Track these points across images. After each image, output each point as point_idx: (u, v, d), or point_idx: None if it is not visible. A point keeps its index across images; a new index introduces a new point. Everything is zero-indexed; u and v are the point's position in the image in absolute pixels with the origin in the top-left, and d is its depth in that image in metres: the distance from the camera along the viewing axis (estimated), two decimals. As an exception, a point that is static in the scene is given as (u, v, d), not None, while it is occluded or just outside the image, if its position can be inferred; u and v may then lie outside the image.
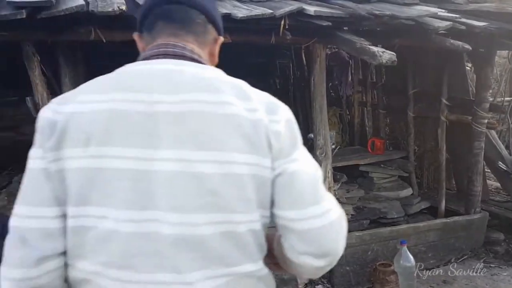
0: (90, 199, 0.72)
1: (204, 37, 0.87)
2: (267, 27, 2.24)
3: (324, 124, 2.61)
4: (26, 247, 0.73)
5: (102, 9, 1.62)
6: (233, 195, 0.73)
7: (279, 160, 0.76)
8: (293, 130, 0.81)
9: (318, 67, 2.58)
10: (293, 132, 0.81)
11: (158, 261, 0.71)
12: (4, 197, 2.14)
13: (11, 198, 2.16)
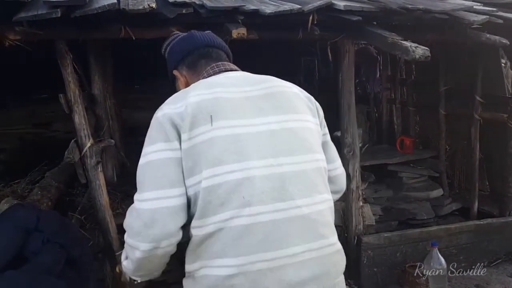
0: (221, 161, 0.95)
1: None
2: (294, 22, 2.21)
3: (352, 122, 2.55)
4: (156, 226, 0.94)
5: (133, 7, 1.63)
6: (314, 141, 1.07)
7: (321, 125, 1.14)
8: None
9: (346, 63, 2.53)
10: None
11: (278, 194, 0.97)
12: (37, 191, 2.20)
13: (44, 193, 2.22)
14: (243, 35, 2.02)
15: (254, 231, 0.94)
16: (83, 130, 2.05)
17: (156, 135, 0.98)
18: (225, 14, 2.03)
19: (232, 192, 0.94)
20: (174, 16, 1.85)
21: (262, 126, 1.01)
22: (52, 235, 1.68)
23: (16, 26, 1.68)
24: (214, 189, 0.94)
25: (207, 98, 1.01)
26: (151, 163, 0.96)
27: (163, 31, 2.07)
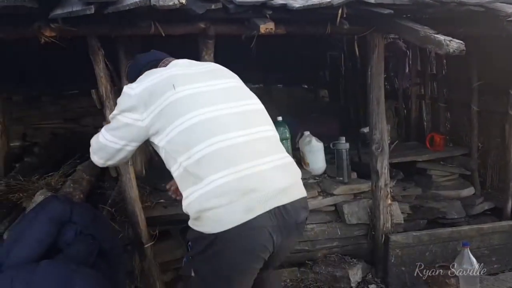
0: (180, 114, 1.36)
1: None
2: (323, 17, 2.18)
3: (381, 117, 2.50)
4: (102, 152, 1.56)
5: (163, 3, 1.64)
6: (252, 94, 1.55)
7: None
8: None
9: (375, 57, 2.47)
10: None
11: (242, 124, 1.40)
12: (70, 184, 2.27)
13: (76, 185, 2.29)
14: (271, 30, 2.01)
15: (231, 150, 1.32)
16: (113, 125, 2.09)
17: (126, 106, 1.46)
18: (253, 9, 2.03)
19: (210, 126, 1.35)
20: (203, 12, 1.86)
21: (216, 85, 1.44)
22: (84, 227, 1.73)
23: (52, 23, 1.72)
24: (192, 128, 1.34)
25: (163, 77, 1.43)
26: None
27: (192, 27, 2.09)
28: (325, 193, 2.63)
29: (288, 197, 1.35)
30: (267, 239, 1.31)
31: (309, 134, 2.91)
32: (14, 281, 1.49)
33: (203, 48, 2.20)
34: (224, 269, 1.35)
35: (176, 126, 1.33)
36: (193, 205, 1.32)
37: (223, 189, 1.27)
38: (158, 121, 1.36)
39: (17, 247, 1.62)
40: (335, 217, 2.65)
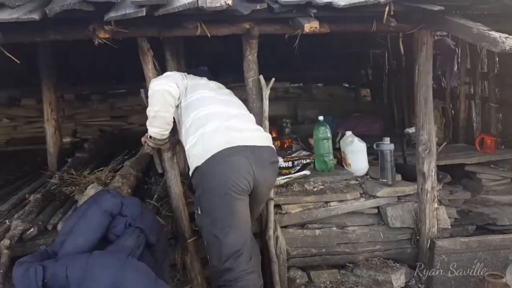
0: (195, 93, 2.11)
1: None
2: (369, 14, 2.13)
3: (428, 117, 2.41)
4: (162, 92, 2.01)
5: (210, 5, 1.68)
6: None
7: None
8: None
9: (423, 55, 2.38)
10: None
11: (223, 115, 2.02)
12: (119, 179, 2.38)
13: (124, 180, 2.40)
14: (316, 29, 2.00)
15: (219, 114, 2.00)
16: (161, 123, 2.16)
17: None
18: (297, 8, 2.02)
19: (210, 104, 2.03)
20: (248, 12, 1.88)
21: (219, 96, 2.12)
22: (133, 220, 1.81)
23: (105, 25, 1.81)
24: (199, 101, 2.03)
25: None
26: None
27: (236, 27, 2.12)
28: (368, 195, 2.58)
29: (260, 142, 1.94)
30: (247, 166, 1.83)
31: (351, 134, 2.86)
32: (69, 269, 1.59)
33: (247, 48, 2.23)
34: (219, 191, 1.80)
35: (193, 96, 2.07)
36: (191, 149, 1.90)
37: (211, 129, 1.90)
38: (189, 92, 2.08)
39: (71, 238, 1.72)
40: (377, 220, 2.59)
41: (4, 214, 2.48)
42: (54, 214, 2.37)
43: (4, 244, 2.01)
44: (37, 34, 1.95)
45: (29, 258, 1.75)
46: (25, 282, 1.63)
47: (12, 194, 2.87)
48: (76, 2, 1.60)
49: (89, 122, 4.68)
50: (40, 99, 3.40)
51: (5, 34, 1.82)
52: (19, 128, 4.76)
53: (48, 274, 1.58)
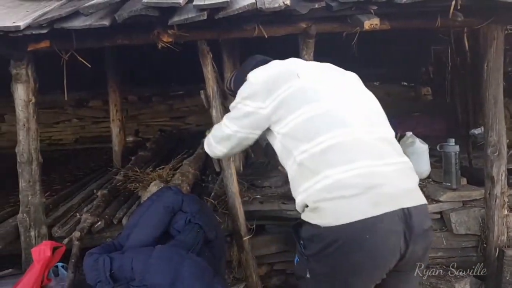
0: (302, 104, 1.35)
1: None
2: (433, 9, 2.03)
3: (498, 117, 2.24)
4: (225, 139, 1.58)
5: (269, 6, 1.69)
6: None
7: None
8: None
9: (493, 51, 2.22)
10: None
11: (365, 120, 1.39)
12: (178, 176, 2.48)
13: (183, 178, 2.49)
14: (376, 26, 1.94)
15: (355, 145, 1.27)
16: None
17: (250, 95, 1.49)
18: (356, 5, 1.97)
19: (333, 119, 1.33)
20: (306, 11, 1.87)
21: (336, 80, 1.45)
22: (193, 216, 1.87)
23: (169, 29, 1.89)
24: (315, 118, 1.31)
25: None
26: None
27: (293, 27, 2.12)
28: (430, 199, 2.45)
29: (413, 201, 1.24)
30: (394, 245, 1.18)
31: (412, 135, 2.74)
32: (134, 262, 1.68)
33: (304, 48, 2.21)
34: (344, 272, 1.21)
35: (298, 116, 1.30)
36: (311, 196, 1.23)
37: (346, 182, 1.19)
38: (280, 109, 1.33)
39: (136, 232, 1.82)
40: (440, 225, 2.46)
41: (75, 208, 2.68)
42: (119, 209, 2.52)
43: (75, 236, 2.17)
44: (106, 39, 2.08)
45: (98, 250, 1.88)
46: (94, 272, 1.75)
47: (81, 189, 3.11)
48: (142, 8, 1.69)
49: (150, 122, 4.94)
50: (106, 101, 3.65)
51: (78, 40, 1.97)
52: (86, 127, 5.14)
53: (115, 265, 1.68)
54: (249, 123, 1.42)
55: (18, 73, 2.10)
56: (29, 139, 2.15)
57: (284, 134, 1.33)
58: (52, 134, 5.01)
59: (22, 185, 2.17)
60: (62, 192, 3.00)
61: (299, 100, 1.32)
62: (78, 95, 4.91)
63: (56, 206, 2.72)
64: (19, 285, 1.85)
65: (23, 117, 2.14)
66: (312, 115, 1.29)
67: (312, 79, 1.38)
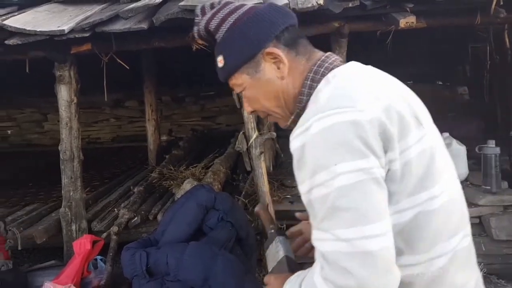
0: (427, 182, 0.73)
1: None
2: (472, 6, 1.96)
3: (544, 119, 2.13)
4: (390, 273, 0.67)
5: (302, 6, 1.70)
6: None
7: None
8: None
9: (539, 49, 2.11)
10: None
11: (462, 215, 0.81)
12: (210, 175, 2.54)
13: (215, 176, 2.54)
14: (412, 24, 1.90)
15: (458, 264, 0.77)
16: (250, 123, 2.25)
17: (357, 148, 0.67)
18: (391, 3, 1.95)
19: (456, 208, 0.78)
20: (339, 10, 1.86)
21: (436, 134, 0.83)
22: (225, 214, 1.90)
23: (203, 31, 1.93)
24: (444, 207, 0.74)
25: (395, 96, 0.76)
26: (359, 187, 0.67)
27: (325, 26, 2.11)
28: (468, 202, 2.36)
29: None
30: None
31: (449, 136, 2.66)
32: (169, 257, 1.73)
33: (336, 48, 2.20)
34: None
35: (420, 203, 0.73)
36: None
37: None
38: (400, 180, 0.72)
39: (170, 228, 1.87)
40: (479, 231, 2.37)
41: (113, 203, 2.79)
42: (154, 205, 2.60)
43: (113, 231, 2.27)
44: (143, 42, 2.16)
45: (135, 244, 1.95)
46: (131, 266, 1.82)
47: (118, 186, 3.23)
48: (179, 11, 1.74)
49: (182, 122, 5.05)
50: (142, 101, 3.76)
51: (117, 42, 2.05)
52: (123, 127, 5.32)
53: (151, 260, 1.74)
54: (375, 205, 0.68)
55: (62, 74, 2.22)
56: (71, 138, 2.26)
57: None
58: (91, 133, 5.23)
59: (64, 181, 2.29)
60: (100, 188, 3.13)
61: (426, 174, 0.74)
62: (116, 95, 5.08)
63: (95, 201, 2.84)
64: (61, 276, 1.95)
65: (66, 117, 2.26)
66: (437, 207, 0.75)
67: (429, 131, 0.78)
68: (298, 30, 0.85)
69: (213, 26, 0.84)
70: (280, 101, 0.84)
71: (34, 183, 3.53)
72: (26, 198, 3.05)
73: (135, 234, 2.38)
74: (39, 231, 2.30)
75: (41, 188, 3.30)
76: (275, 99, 0.84)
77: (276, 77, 0.83)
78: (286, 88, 0.83)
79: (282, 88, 0.83)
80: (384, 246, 0.65)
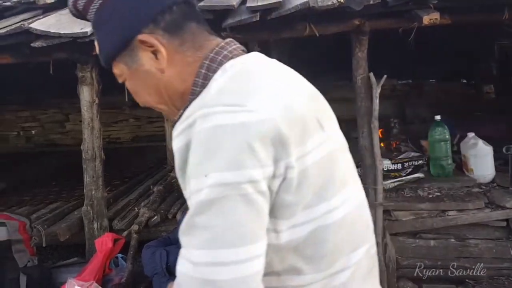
0: (327, 193, 0.65)
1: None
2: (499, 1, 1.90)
3: None
4: None
5: (322, 4, 1.67)
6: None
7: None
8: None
9: None
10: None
11: (367, 227, 0.76)
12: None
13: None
14: (436, 21, 1.85)
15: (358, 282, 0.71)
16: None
17: (253, 153, 0.57)
18: (414, 0, 1.90)
19: (359, 220, 0.72)
20: (360, 8, 1.83)
21: (339, 139, 0.75)
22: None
23: (221, 32, 1.93)
24: (345, 220, 0.67)
25: (300, 95, 0.69)
26: (232, 201, 0.56)
27: (345, 24, 2.07)
28: (494, 205, 2.28)
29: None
30: None
31: (474, 136, 2.58)
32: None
33: (356, 45, 2.16)
34: None
35: (318, 217, 0.65)
36: None
37: None
38: (296, 190, 0.62)
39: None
40: (506, 234, 2.28)
41: (133, 202, 2.83)
42: (173, 204, 2.62)
43: (134, 229, 2.29)
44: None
45: (155, 243, 1.97)
46: (152, 265, 1.84)
47: (138, 185, 3.28)
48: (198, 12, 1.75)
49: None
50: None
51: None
52: (142, 127, 5.39)
53: (171, 258, 1.75)
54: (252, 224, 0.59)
55: (84, 76, 2.26)
56: (93, 138, 2.30)
57: (286, 240, 0.64)
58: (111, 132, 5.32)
59: (86, 180, 2.33)
60: (121, 187, 3.18)
61: (324, 183, 0.66)
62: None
63: (116, 200, 2.89)
64: (84, 273, 1.99)
65: (88, 117, 2.30)
66: (334, 220, 0.67)
67: (330, 136, 0.70)
68: (189, 10, 0.72)
69: (81, 5, 0.72)
70: (163, 97, 0.73)
71: (57, 182, 3.62)
72: (50, 197, 3.13)
73: (155, 232, 2.40)
74: (63, 228, 2.35)
75: (64, 187, 3.38)
76: (156, 94, 0.73)
77: (155, 69, 0.71)
78: (168, 82, 0.71)
79: (163, 82, 0.71)
80: (235, 278, 0.55)
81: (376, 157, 2.15)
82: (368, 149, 2.17)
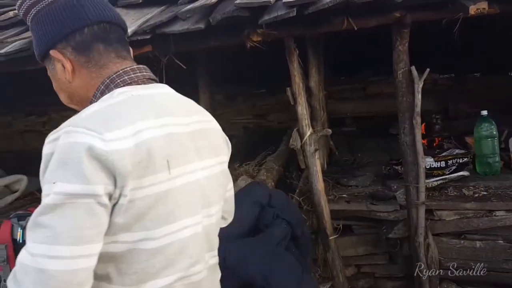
0: (150, 223, 0.78)
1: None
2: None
3: None
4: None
5: (363, -4, 1.63)
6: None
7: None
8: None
9: None
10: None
11: (208, 246, 0.93)
12: (264, 172, 2.54)
13: (268, 174, 2.54)
14: (483, 11, 1.75)
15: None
16: (304, 120, 2.22)
17: (88, 172, 0.70)
18: (459, -11, 1.80)
19: (180, 252, 0.83)
20: (401, 0, 1.76)
21: (201, 171, 0.88)
22: (280, 211, 1.89)
23: (258, 28, 1.93)
24: (163, 250, 0.79)
25: (160, 134, 0.79)
26: (73, 208, 0.70)
27: (385, 17, 2.00)
28: (546, 204, 2.15)
29: None
30: None
31: (522, 132, 2.43)
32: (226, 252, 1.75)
33: (397, 39, 2.09)
34: None
35: (135, 241, 0.77)
36: None
37: None
38: (123, 214, 0.75)
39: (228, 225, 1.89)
40: None
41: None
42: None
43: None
44: (199, 42, 2.19)
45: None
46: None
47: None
48: (234, 9, 1.75)
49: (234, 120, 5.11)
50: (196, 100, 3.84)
51: (175, 43, 2.11)
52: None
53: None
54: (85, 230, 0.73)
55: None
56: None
57: (124, 250, 0.78)
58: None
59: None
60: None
61: (153, 214, 0.79)
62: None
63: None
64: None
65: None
66: (161, 245, 0.81)
67: (183, 172, 0.84)
68: (101, 33, 0.86)
69: (21, 13, 0.90)
70: (74, 101, 0.93)
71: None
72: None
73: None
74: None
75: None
76: (69, 98, 0.93)
77: (64, 79, 0.88)
78: (75, 91, 0.89)
79: (71, 89, 0.89)
80: (66, 270, 0.68)
81: (419, 155, 2.07)
82: (410, 146, 2.10)
